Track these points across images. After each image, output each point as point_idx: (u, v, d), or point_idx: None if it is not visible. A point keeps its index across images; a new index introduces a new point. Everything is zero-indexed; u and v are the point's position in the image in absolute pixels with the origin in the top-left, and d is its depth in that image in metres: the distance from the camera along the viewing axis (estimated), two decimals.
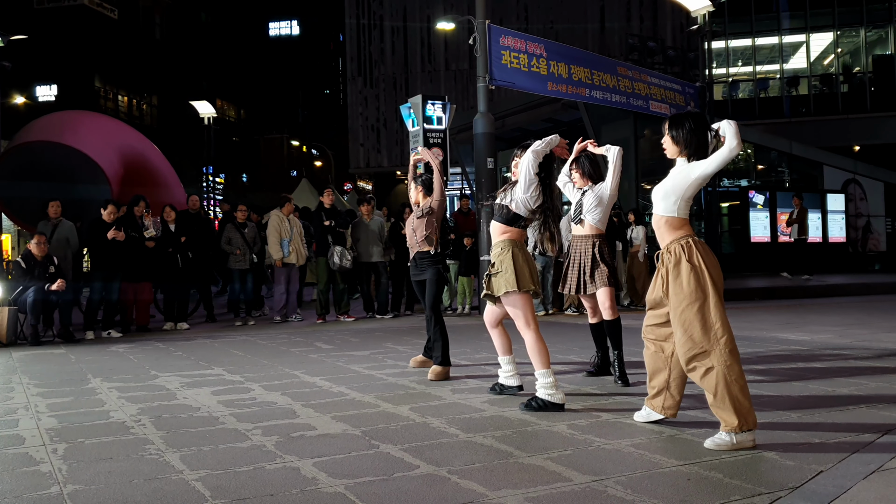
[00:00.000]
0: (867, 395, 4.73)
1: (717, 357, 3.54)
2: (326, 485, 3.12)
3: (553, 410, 4.41)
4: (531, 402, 4.48)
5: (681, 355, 3.66)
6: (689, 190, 3.74)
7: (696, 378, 3.62)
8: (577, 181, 5.46)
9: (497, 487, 3.04)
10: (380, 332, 9.28)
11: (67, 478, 3.29)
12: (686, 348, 3.62)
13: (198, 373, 6.20)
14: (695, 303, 3.60)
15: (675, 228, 3.75)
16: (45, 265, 8.81)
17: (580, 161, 5.42)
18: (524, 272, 4.60)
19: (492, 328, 5.03)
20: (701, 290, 3.61)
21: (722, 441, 3.53)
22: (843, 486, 2.97)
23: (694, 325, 3.59)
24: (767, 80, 30.58)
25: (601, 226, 5.43)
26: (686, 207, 3.77)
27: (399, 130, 38.37)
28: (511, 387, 5.01)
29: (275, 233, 10.51)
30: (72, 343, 8.67)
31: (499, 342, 5.03)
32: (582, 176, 5.43)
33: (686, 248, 3.68)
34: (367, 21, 41.80)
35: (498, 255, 4.68)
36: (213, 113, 29.65)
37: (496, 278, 4.65)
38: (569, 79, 13.46)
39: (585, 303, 5.65)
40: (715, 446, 3.53)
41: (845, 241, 21.86)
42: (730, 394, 3.51)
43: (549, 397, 4.45)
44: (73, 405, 4.90)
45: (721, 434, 3.56)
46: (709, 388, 3.58)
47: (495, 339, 5.04)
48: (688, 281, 3.62)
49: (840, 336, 7.85)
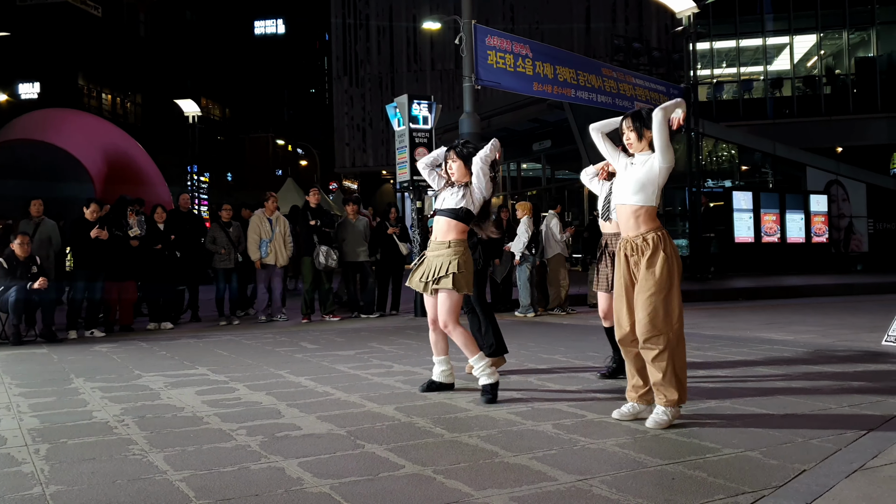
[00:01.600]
0: (849, 395, 4.77)
1: (671, 341, 3.93)
2: (311, 485, 3.11)
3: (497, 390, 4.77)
4: (485, 393, 4.76)
5: (639, 335, 4.00)
6: (661, 179, 4.05)
7: (649, 357, 3.98)
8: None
9: (482, 487, 3.05)
10: (365, 331, 9.27)
11: (50, 478, 3.26)
12: (646, 330, 3.95)
13: (182, 372, 6.16)
14: (662, 291, 3.94)
15: (651, 218, 4.06)
16: (28, 265, 8.72)
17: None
18: (471, 276, 4.98)
19: (436, 329, 5.09)
20: (670, 279, 3.95)
21: (661, 419, 3.94)
22: (825, 485, 2.99)
23: (658, 311, 3.93)
24: (751, 81, 30.79)
25: None
26: (659, 197, 4.09)
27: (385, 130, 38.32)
28: (448, 384, 5.14)
29: (253, 233, 10.46)
30: (54, 343, 8.59)
31: (443, 343, 5.15)
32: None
33: (662, 238, 4.01)
34: (353, 20, 41.72)
35: (462, 255, 4.88)
36: (198, 111, 29.51)
37: (459, 276, 4.83)
38: (554, 79, 13.50)
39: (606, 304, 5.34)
40: (656, 425, 3.93)
41: (828, 241, 22.05)
42: (675, 374, 3.94)
43: (490, 378, 4.77)
44: (55, 405, 4.86)
45: (658, 413, 3.97)
46: (659, 368, 3.95)
47: (441, 339, 5.13)
48: (661, 270, 3.94)
49: (822, 336, 7.92)
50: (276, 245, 10.58)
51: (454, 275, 4.83)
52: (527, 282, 10.89)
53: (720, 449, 3.54)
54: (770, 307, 11.93)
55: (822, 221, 21.82)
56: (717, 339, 7.72)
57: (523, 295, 10.94)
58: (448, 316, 4.87)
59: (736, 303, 13.19)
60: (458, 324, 4.91)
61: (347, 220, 11.02)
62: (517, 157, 25.24)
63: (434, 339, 5.15)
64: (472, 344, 4.95)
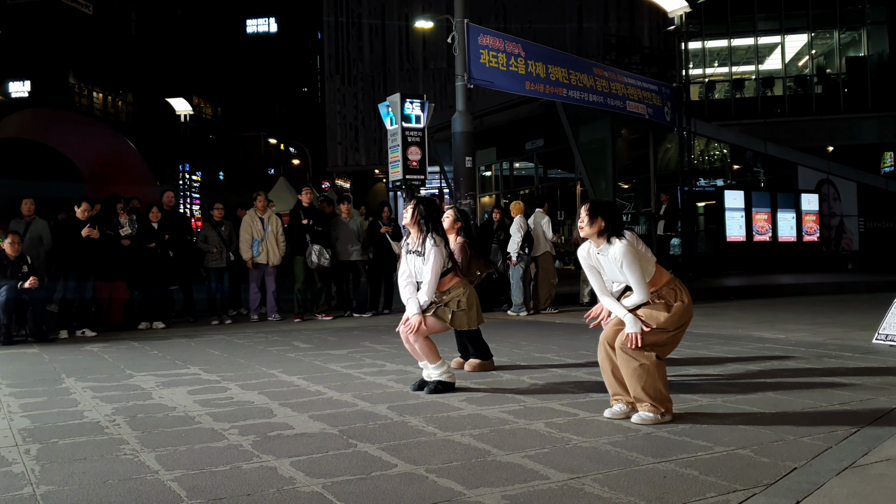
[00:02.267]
0: (840, 393, 4.79)
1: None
2: (304, 484, 3.11)
3: (448, 392, 5.03)
4: (436, 386, 5.05)
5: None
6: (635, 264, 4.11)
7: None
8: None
9: (475, 486, 3.05)
10: (358, 331, 9.26)
11: (40, 478, 3.25)
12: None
13: (173, 372, 6.14)
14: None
15: (658, 281, 4.22)
16: (18, 264, 8.68)
17: None
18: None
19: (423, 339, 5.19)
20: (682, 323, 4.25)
21: (647, 416, 4.03)
22: (816, 483, 3.00)
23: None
24: (743, 80, 30.84)
25: None
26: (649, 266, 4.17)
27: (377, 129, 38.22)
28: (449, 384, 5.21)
29: (245, 233, 10.44)
30: (45, 342, 8.55)
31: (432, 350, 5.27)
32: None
33: (679, 289, 4.26)
34: (346, 19, 41.62)
35: (465, 293, 5.17)
36: (190, 110, 29.45)
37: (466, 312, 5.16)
38: (546, 78, 13.52)
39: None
40: (642, 421, 4.03)
41: (819, 240, 22.13)
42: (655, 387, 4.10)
43: (447, 378, 5.11)
44: (46, 405, 4.84)
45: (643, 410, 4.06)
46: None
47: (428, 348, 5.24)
48: (679, 315, 4.19)
49: (813, 334, 7.95)
50: (269, 244, 10.55)
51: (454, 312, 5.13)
52: (520, 280, 10.89)
53: (712, 447, 3.56)
54: (761, 306, 11.97)
55: (813, 220, 21.89)
56: (709, 338, 7.74)
57: (516, 294, 10.94)
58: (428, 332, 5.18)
59: (727, 301, 13.23)
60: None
61: (340, 219, 11.00)
62: (509, 156, 25.22)
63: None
64: (434, 352, 5.15)
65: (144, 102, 60.48)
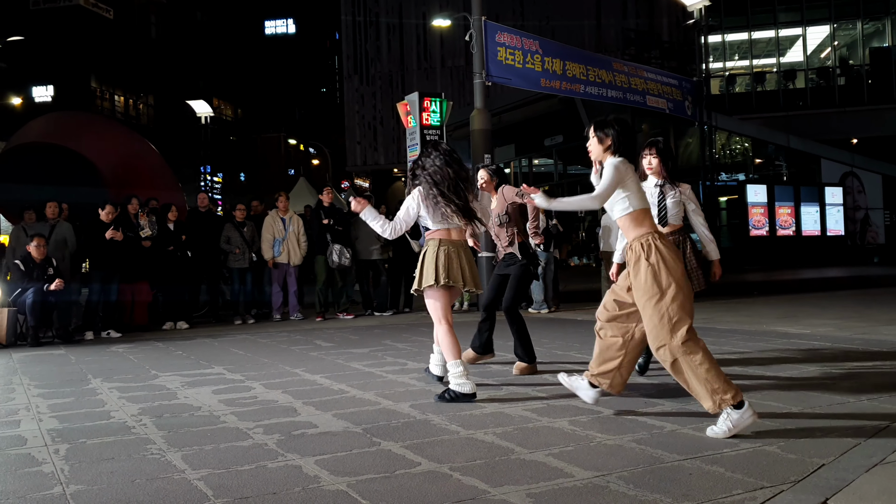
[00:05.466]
0: (868, 388, 4.73)
1: (677, 349, 3.72)
2: (328, 483, 3.12)
3: (464, 401, 4.60)
4: (444, 394, 4.69)
5: (650, 344, 3.87)
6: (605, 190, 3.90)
7: (666, 367, 3.83)
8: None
9: (499, 484, 3.04)
10: (379, 329, 9.28)
11: (70, 478, 3.29)
12: (651, 338, 3.85)
13: (198, 372, 6.19)
14: (651, 298, 3.80)
15: (637, 224, 3.92)
16: (44, 267, 8.80)
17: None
18: (429, 270, 4.93)
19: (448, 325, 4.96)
20: (657, 285, 3.78)
21: (719, 430, 3.64)
22: (845, 479, 2.97)
23: (653, 319, 3.80)
24: (764, 73, 30.57)
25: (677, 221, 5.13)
26: (637, 199, 3.93)
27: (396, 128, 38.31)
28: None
29: (267, 233, 10.52)
30: (71, 344, 8.66)
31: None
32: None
33: (645, 246, 3.86)
34: (363, 19, 41.73)
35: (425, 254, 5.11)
36: (210, 112, 29.69)
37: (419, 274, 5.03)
38: (563, 75, 13.46)
39: None
40: (714, 434, 3.64)
41: (843, 234, 21.88)
42: (698, 378, 3.70)
43: (458, 387, 4.63)
44: (73, 406, 4.90)
45: (716, 423, 3.68)
46: (680, 379, 3.80)
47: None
48: (645, 278, 3.82)
49: (839, 329, 7.86)
50: (290, 244, 10.62)
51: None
52: (542, 278, 10.86)
53: (737, 443, 3.52)
54: (785, 300, 11.86)
55: (837, 213, 21.65)
56: (733, 333, 7.68)
57: (536, 291, 10.91)
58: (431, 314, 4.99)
59: (751, 297, 13.11)
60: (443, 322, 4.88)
61: (360, 219, 11.02)
62: (529, 152, 25.20)
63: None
64: (455, 348, 4.77)
65: (165, 105, 60.99)
